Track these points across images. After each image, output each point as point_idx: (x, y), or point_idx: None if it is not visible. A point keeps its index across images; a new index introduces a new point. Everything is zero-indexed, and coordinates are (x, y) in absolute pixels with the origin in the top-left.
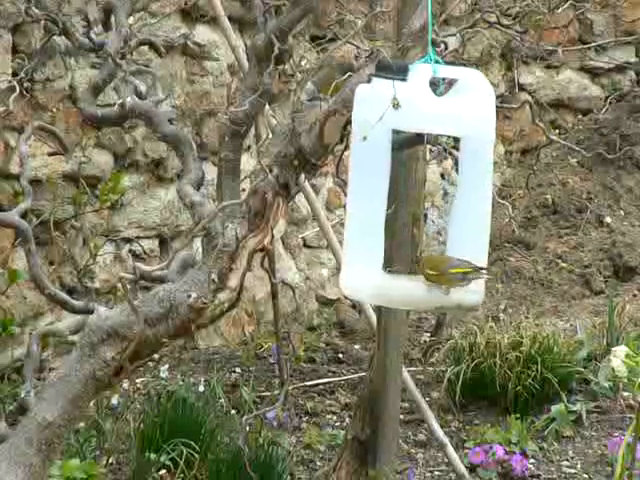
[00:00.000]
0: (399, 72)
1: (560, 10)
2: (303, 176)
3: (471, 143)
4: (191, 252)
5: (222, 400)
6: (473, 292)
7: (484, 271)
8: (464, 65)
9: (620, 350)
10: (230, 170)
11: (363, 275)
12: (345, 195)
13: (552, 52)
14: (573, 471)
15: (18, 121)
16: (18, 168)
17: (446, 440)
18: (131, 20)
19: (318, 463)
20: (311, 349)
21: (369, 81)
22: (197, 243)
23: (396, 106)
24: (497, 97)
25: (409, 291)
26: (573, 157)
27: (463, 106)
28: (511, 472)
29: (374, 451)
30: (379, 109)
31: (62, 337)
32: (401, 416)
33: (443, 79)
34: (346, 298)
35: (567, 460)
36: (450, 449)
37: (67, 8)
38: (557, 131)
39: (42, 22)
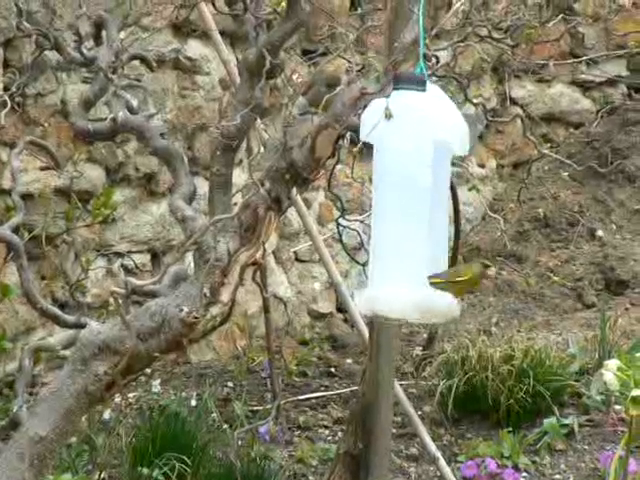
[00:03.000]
0: (419, 83)
1: (551, 24)
2: (295, 190)
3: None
4: (183, 266)
5: (214, 414)
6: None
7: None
8: (455, 79)
9: (612, 364)
10: (222, 184)
11: (402, 292)
12: (337, 209)
13: (543, 66)
14: None
15: (10, 136)
16: (10, 183)
17: (438, 454)
18: (122, 34)
19: (310, 477)
20: (303, 363)
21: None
22: (189, 257)
23: (388, 116)
24: (489, 111)
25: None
26: (565, 171)
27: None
28: None
29: (366, 465)
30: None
31: (54, 352)
32: (393, 430)
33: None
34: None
35: (559, 474)
36: (442, 463)
37: (58, 23)
38: (549, 145)
39: (33, 37)
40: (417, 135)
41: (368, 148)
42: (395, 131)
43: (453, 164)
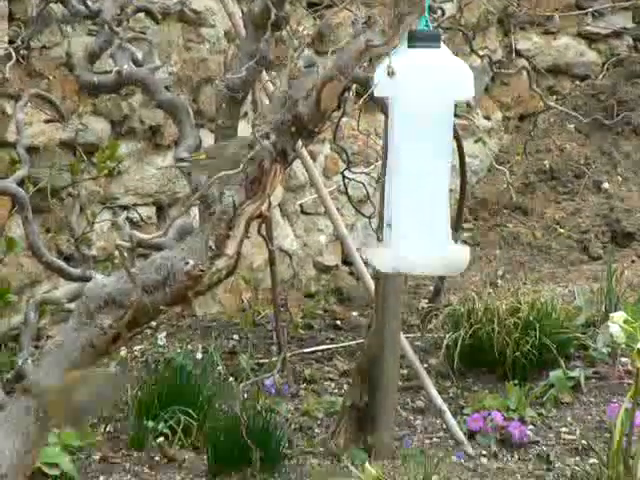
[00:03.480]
0: (435, 39)
1: None
2: (300, 143)
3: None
4: (188, 219)
5: (220, 367)
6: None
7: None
8: (461, 31)
9: (618, 316)
10: (227, 137)
11: (427, 248)
12: (343, 161)
13: (549, 18)
14: (572, 437)
15: (14, 89)
16: (15, 136)
17: (444, 407)
18: None
19: (316, 430)
20: (309, 316)
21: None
22: (194, 210)
23: (391, 74)
24: (494, 63)
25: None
26: (570, 123)
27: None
28: (510, 438)
29: (372, 418)
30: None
31: (59, 305)
32: (399, 383)
33: None
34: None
35: (566, 426)
36: (448, 416)
37: None
38: (554, 97)
39: None
40: (436, 93)
41: (379, 103)
42: (414, 88)
43: (457, 115)
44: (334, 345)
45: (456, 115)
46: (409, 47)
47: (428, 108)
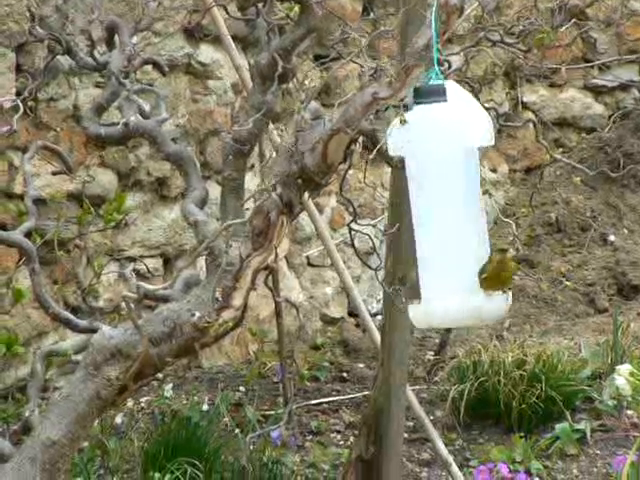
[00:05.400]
0: (440, 94)
1: (564, 28)
2: (307, 195)
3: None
4: (195, 271)
5: (226, 419)
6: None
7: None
8: (467, 84)
9: (624, 369)
10: (234, 189)
11: (454, 301)
12: (350, 214)
13: (555, 70)
14: None
15: (22, 140)
16: (22, 188)
17: (450, 459)
18: (135, 39)
19: None
20: (315, 368)
21: (409, 109)
22: (201, 262)
23: (403, 122)
24: (501, 116)
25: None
26: (577, 175)
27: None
28: None
29: (378, 470)
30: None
31: (66, 356)
32: (405, 435)
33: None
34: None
35: (571, 479)
36: (454, 468)
37: (71, 28)
38: (561, 150)
39: (46, 41)
40: (447, 143)
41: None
42: (425, 141)
43: None
44: (340, 397)
45: None
46: (416, 104)
47: (443, 159)
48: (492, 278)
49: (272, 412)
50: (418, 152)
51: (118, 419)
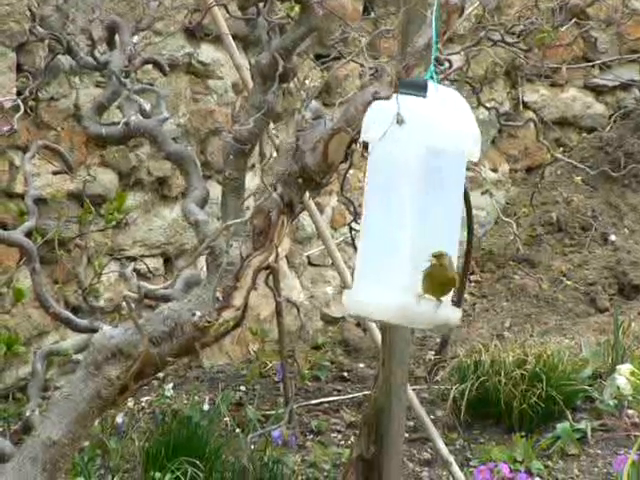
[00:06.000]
0: (421, 89)
1: (564, 28)
2: (307, 194)
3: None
4: (195, 271)
5: (227, 419)
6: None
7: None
8: (468, 83)
9: (625, 368)
10: (234, 188)
11: (382, 294)
12: (350, 213)
13: (556, 70)
14: None
15: (22, 140)
16: (23, 187)
17: (451, 458)
18: (135, 39)
19: None
20: (316, 367)
21: (387, 98)
22: (202, 262)
23: (400, 122)
24: (502, 115)
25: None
26: (577, 175)
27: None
28: None
29: (379, 469)
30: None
31: (67, 356)
32: (406, 434)
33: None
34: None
35: (572, 478)
36: (455, 467)
37: (71, 27)
38: (561, 149)
39: (46, 41)
40: (407, 141)
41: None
42: (393, 135)
43: (467, 168)
44: (341, 397)
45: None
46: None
47: (395, 156)
48: (428, 281)
49: (273, 412)
50: (376, 142)
51: (119, 419)
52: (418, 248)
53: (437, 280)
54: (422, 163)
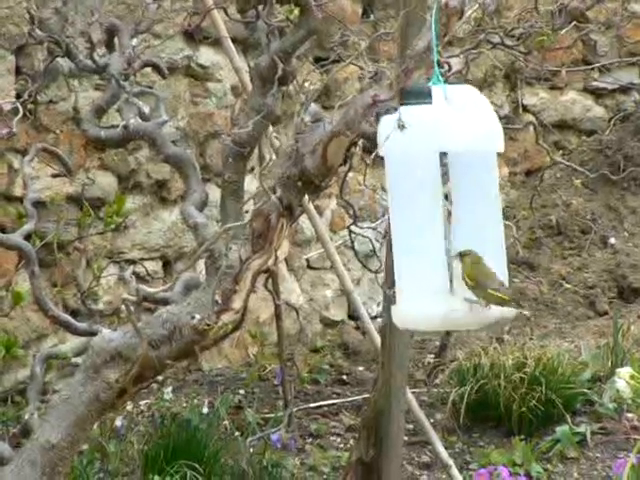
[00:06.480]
0: (425, 96)
1: (564, 31)
2: (307, 197)
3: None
4: (195, 274)
5: (226, 422)
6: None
7: (520, 309)
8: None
9: (624, 371)
10: (233, 192)
11: (424, 304)
12: (350, 216)
13: (556, 73)
14: None
15: (21, 143)
16: (22, 190)
17: (450, 461)
18: (134, 42)
19: None
20: (315, 371)
21: (394, 110)
22: (201, 265)
23: (401, 127)
24: (501, 118)
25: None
26: (577, 178)
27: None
28: None
29: (378, 472)
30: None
31: (66, 359)
32: (405, 437)
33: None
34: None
35: None
36: (454, 471)
37: (70, 30)
38: (561, 152)
39: (45, 44)
40: (423, 147)
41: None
42: (402, 143)
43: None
44: (340, 400)
45: None
46: (402, 104)
47: (415, 163)
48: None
49: (272, 415)
50: (394, 151)
51: (118, 422)
52: (452, 252)
53: (472, 278)
54: (438, 168)
